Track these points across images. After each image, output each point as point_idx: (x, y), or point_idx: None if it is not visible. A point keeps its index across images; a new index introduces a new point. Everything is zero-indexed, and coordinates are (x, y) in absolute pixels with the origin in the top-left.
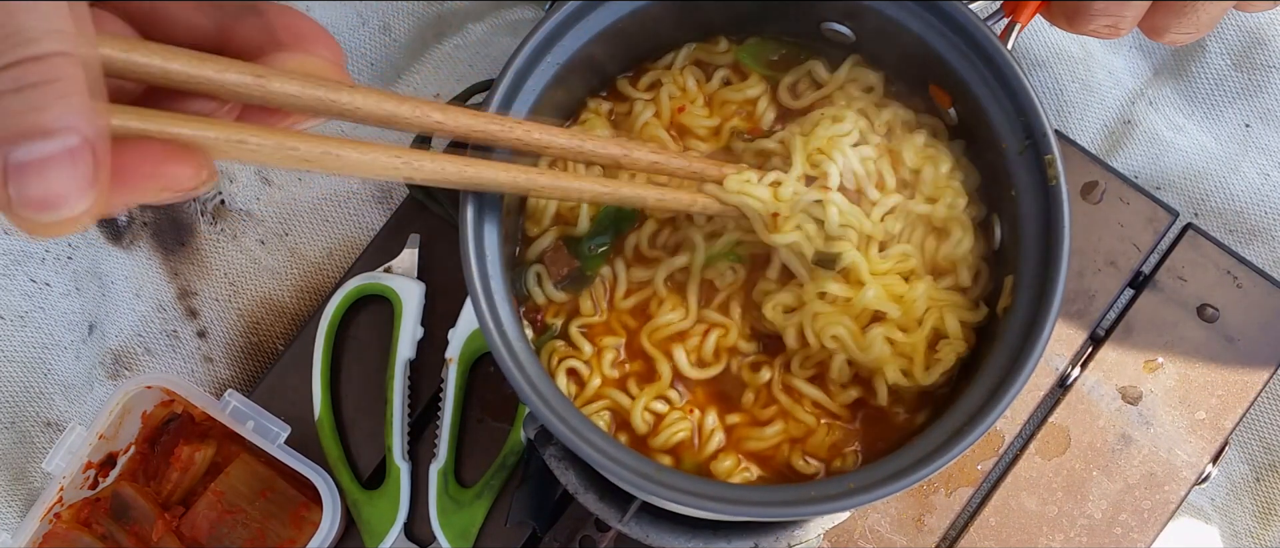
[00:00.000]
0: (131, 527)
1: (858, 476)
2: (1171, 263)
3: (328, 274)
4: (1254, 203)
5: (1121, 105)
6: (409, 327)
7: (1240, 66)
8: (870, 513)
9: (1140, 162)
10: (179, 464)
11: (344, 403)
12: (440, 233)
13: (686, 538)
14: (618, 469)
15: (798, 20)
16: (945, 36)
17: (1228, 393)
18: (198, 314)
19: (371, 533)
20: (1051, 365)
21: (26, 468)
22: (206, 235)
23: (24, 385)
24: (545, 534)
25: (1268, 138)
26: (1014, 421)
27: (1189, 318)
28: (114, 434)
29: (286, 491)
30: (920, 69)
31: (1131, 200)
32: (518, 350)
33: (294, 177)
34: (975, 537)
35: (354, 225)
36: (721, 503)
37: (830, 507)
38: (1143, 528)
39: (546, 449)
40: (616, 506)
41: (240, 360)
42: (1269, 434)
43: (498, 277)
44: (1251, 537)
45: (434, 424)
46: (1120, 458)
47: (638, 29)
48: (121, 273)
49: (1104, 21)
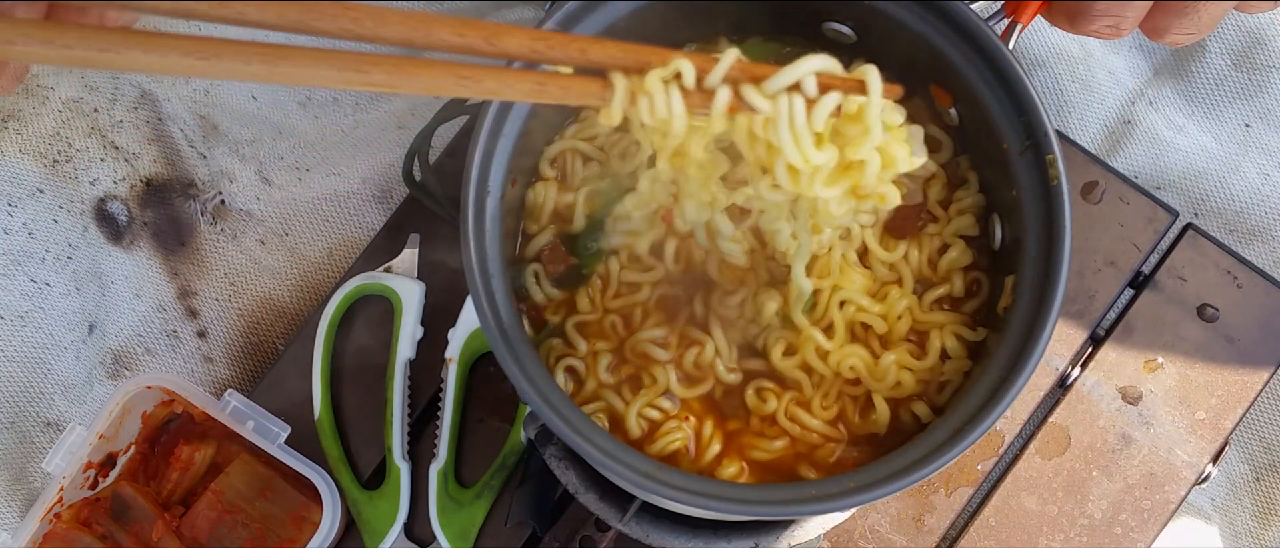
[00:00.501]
0: (131, 527)
1: (858, 475)
2: (1172, 263)
3: (328, 274)
4: (1254, 203)
5: (1121, 105)
6: (409, 327)
7: (1240, 66)
8: (870, 513)
9: (1140, 162)
10: (179, 464)
11: (344, 403)
12: (440, 233)
13: (686, 538)
14: (618, 468)
15: (799, 20)
16: (947, 36)
17: (1228, 393)
18: (198, 314)
19: (371, 533)
20: (1051, 365)
21: (26, 468)
22: (206, 235)
23: (24, 385)
24: (545, 534)
25: (1268, 138)
26: (1014, 421)
27: (1189, 318)
28: (114, 434)
29: (286, 491)
30: (921, 69)
31: (1131, 200)
32: (518, 348)
33: (294, 176)
34: (975, 537)
35: (354, 225)
36: (722, 502)
37: (831, 506)
38: (1143, 528)
39: (546, 449)
40: (617, 505)
41: (240, 360)
42: (1269, 434)
43: (498, 274)
44: (1251, 537)
45: (434, 424)
46: (1120, 458)
47: (639, 29)
48: (121, 273)
49: (1105, 22)
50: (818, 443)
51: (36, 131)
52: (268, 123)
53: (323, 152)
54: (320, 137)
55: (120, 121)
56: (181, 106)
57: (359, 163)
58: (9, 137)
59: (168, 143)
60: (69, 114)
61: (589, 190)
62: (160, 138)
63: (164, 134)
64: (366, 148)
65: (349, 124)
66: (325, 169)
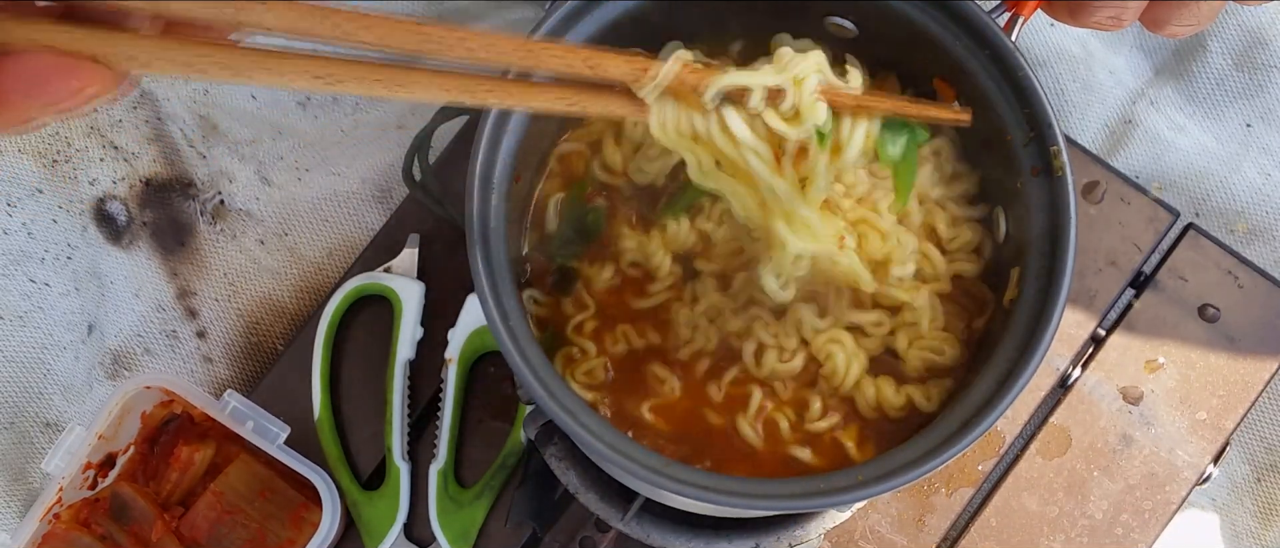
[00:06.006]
0: (131, 527)
1: (866, 468)
2: (1172, 263)
3: (327, 274)
4: (1255, 203)
5: (1122, 105)
6: (409, 327)
7: (1241, 66)
8: (871, 513)
9: (1141, 161)
10: (178, 465)
11: (344, 403)
12: (440, 233)
13: (687, 538)
14: (624, 463)
15: (801, 14)
16: (949, 29)
17: (1229, 393)
18: (197, 314)
19: (371, 534)
20: (1052, 365)
21: (26, 468)
22: (206, 235)
23: (23, 386)
24: (545, 535)
25: (1269, 137)
26: (1015, 421)
27: (1190, 318)
28: (113, 435)
29: (286, 491)
30: (924, 62)
31: (1132, 200)
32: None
33: (294, 176)
34: (976, 537)
35: (354, 225)
36: (727, 495)
37: (837, 500)
38: (1144, 529)
39: (547, 449)
40: (617, 505)
41: (240, 360)
42: (1270, 434)
43: (504, 275)
44: (1253, 537)
45: (434, 424)
46: (1121, 458)
47: (640, 25)
48: (121, 273)
49: (1107, 14)
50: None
51: (36, 131)
52: (267, 123)
53: (322, 152)
54: (320, 136)
55: (120, 121)
56: (181, 106)
57: (359, 163)
58: (8, 136)
59: (167, 143)
60: None
61: (562, 197)
62: (160, 138)
63: (163, 134)
64: (366, 148)
65: (349, 124)
66: (325, 169)
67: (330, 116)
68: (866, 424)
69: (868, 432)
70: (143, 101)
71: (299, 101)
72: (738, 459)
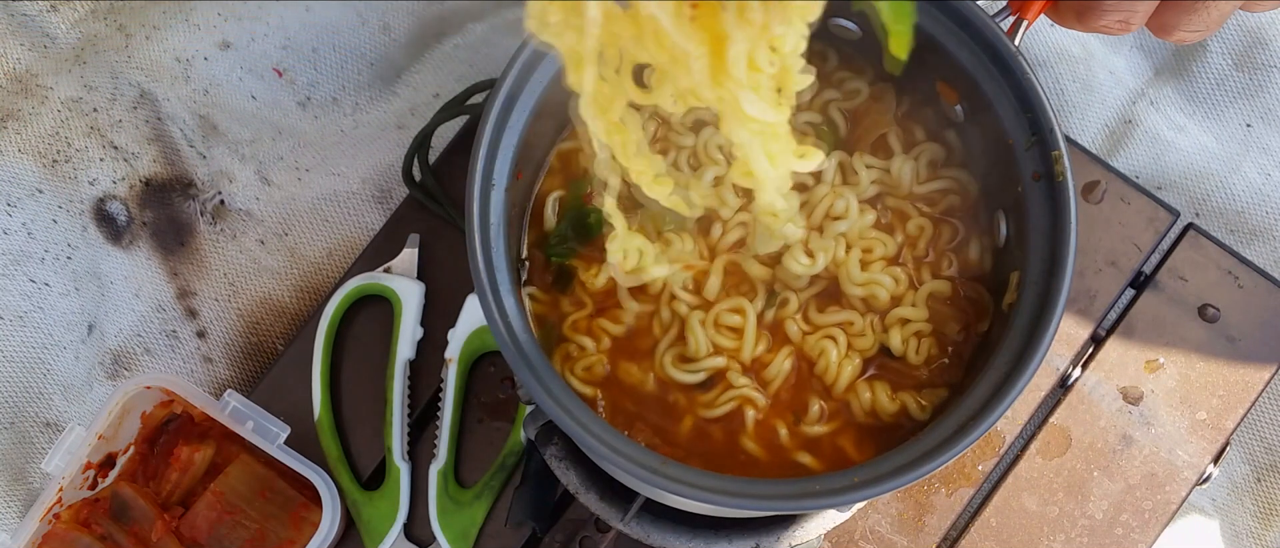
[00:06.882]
0: (131, 527)
1: (863, 469)
2: (1173, 263)
3: (327, 274)
4: (1255, 203)
5: (1123, 105)
6: (409, 327)
7: (1241, 66)
8: (871, 513)
9: (1141, 161)
10: (178, 465)
11: (344, 403)
12: (440, 233)
13: (687, 538)
14: (623, 463)
15: None
16: (952, 32)
17: (1229, 393)
18: (197, 314)
19: (371, 534)
20: (1052, 366)
21: (26, 468)
22: (206, 235)
23: (23, 386)
24: (545, 535)
25: (1269, 138)
26: (1015, 421)
27: (1190, 318)
28: (113, 435)
29: (286, 491)
30: (927, 65)
31: (1132, 200)
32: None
33: (294, 176)
34: (976, 538)
35: (354, 225)
36: (726, 496)
37: (835, 501)
38: (1144, 529)
39: (547, 449)
40: (617, 505)
41: (240, 361)
42: (1270, 434)
43: (504, 275)
44: (1253, 537)
45: (434, 424)
46: (1121, 458)
47: None
48: (121, 273)
49: (1115, 17)
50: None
51: (36, 131)
52: (267, 123)
53: (322, 151)
54: (320, 136)
55: (119, 121)
56: (181, 106)
57: (359, 163)
58: (8, 136)
59: (167, 143)
60: (68, 114)
61: (561, 195)
62: (159, 138)
63: (163, 134)
64: (366, 148)
65: (349, 124)
66: (325, 169)
67: (330, 117)
68: (863, 430)
69: (866, 436)
70: (142, 101)
71: (299, 101)
72: (738, 470)
